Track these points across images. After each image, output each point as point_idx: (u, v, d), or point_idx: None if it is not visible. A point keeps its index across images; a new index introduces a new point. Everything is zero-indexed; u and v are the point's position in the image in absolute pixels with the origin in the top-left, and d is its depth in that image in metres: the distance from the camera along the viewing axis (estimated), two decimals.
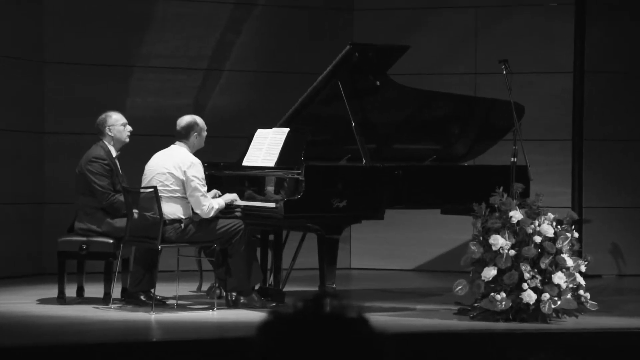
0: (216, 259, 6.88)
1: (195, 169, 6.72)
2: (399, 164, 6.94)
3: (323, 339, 1.86)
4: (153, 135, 8.25)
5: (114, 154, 7.09)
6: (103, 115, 7.14)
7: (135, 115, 8.50)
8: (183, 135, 6.83)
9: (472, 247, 6.42)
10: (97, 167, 6.96)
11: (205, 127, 6.91)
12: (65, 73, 8.99)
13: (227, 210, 6.90)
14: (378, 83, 7.12)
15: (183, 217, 6.70)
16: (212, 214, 6.73)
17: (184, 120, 6.87)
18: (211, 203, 6.73)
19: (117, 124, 7.11)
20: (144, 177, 6.87)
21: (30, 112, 8.90)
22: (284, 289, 7.07)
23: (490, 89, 8.53)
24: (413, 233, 9.50)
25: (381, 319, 6.45)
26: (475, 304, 6.44)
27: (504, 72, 6.95)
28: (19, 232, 8.74)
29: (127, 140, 7.15)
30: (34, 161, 8.91)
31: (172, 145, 6.87)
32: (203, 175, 6.75)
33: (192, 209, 6.75)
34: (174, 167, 6.72)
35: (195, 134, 6.83)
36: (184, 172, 6.71)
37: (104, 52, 9.09)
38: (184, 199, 6.73)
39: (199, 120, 6.90)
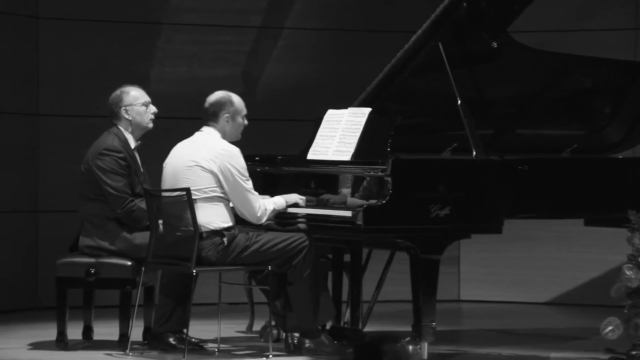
0: (271, 287, 6.95)
1: (233, 159, 6.77)
2: (525, 157, 6.93)
3: None
4: (185, 118, 8.32)
5: (133, 144, 7.19)
6: (118, 92, 7.24)
7: (161, 91, 8.61)
8: (211, 115, 6.88)
9: (628, 272, 6.39)
10: (110, 162, 7.07)
11: (244, 112, 6.94)
12: (66, 33, 9.13)
13: (286, 219, 6.95)
14: (495, 44, 7.12)
15: (224, 225, 6.76)
16: (264, 219, 6.80)
17: (215, 95, 6.93)
18: (263, 204, 6.81)
19: (136, 103, 7.22)
20: (163, 178, 6.94)
21: (19, 88, 9.04)
22: (365, 329, 7.11)
23: None
24: (544, 252, 9.44)
25: None
26: (633, 352, 6.43)
27: None
28: (6, 251, 8.87)
29: (151, 125, 7.25)
30: (24, 154, 9.05)
31: (197, 133, 6.93)
32: (245, 167, 6.81)
33: (236, 214, 6.82)
34: (203, 158, 6.77)
35: (227, 115, 6.87)
36: (218, 163, 6.75)
37: (118, 5, 9.21)
38: (222, 200, 6.78)
39: (235, 98, 6.95)
